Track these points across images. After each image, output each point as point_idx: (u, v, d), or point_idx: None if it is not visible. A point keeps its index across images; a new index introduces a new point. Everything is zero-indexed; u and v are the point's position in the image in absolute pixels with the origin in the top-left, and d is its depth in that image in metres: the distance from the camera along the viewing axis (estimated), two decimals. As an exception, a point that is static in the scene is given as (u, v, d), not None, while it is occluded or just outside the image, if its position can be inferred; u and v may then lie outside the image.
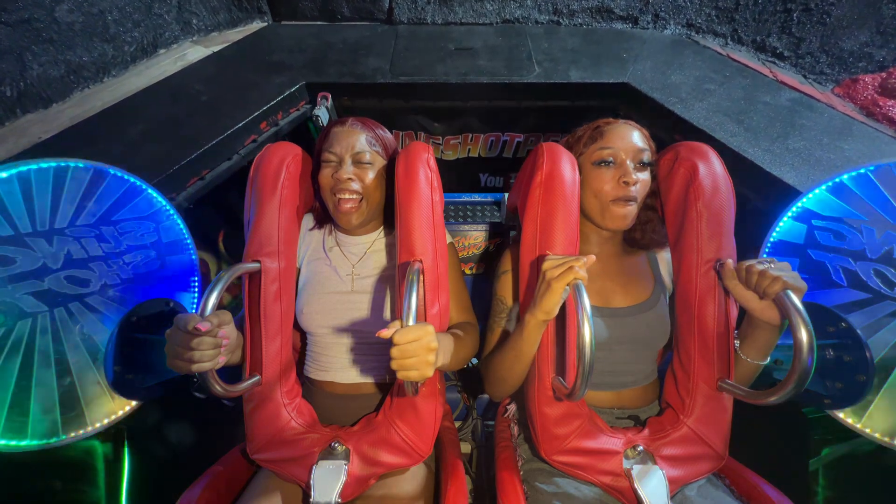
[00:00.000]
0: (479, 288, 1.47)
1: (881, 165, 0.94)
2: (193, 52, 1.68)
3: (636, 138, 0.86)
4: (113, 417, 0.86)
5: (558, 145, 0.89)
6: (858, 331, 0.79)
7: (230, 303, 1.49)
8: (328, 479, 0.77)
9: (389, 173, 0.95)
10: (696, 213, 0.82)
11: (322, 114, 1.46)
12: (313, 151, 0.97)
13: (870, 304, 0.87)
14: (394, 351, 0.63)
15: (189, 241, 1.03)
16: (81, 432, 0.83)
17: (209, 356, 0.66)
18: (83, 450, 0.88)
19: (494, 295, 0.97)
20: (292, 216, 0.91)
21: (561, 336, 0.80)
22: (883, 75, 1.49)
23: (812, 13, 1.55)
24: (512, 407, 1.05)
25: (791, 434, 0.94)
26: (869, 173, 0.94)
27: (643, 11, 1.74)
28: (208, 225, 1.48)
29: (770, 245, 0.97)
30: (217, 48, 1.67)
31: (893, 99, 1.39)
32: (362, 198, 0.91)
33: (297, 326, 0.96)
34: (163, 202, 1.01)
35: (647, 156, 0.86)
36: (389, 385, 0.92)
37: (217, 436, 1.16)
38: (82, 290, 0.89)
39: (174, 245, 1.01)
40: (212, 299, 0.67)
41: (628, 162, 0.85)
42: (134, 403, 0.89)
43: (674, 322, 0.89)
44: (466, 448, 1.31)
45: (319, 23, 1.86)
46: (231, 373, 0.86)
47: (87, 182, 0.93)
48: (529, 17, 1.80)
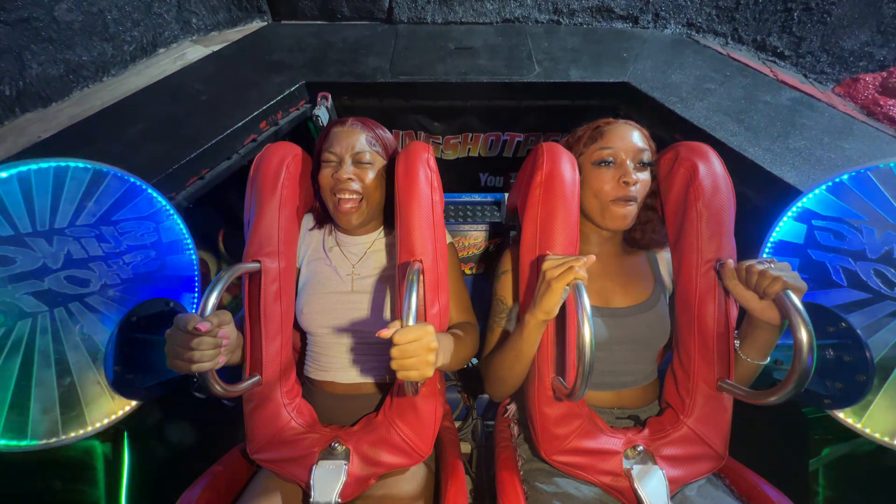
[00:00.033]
0: (479, 288, 1.47)
1: (881, 165, 0.94)
2: (193, 52, 1.68)
3: (636, 138, 0.86)
4: (113, 417, 0.86)
5: (558, 145, 0.89)
6: (858, 331, 0.79)
7: (230, 303, 1.49)
8: (328, 479, 0.77)
9: (389, 173, 0.95)
10: (696, 213, 0.82)
11: (322, 114, 1.45)
12: (313, 151, 0.97)
13: (870, 304, 0.87)
14: (394, 351, 0.63)
15: (189, 241, 1.03)
16: (81, 432, 0.83)
17: (209, 356, 0.66)
18: (83, 450, 0.87)
19: (494, 295, 0.97)
20: (292, 216, 0.91)
21: (561, 336, 0.80)
22: (883, 74, 1.48)
23: (813, 12, 1.55)
24: (512, 407, 1.05)
25: (791, 434, 0.94)
26: (869, 173, 0.94)
27: (643, 11, 1.74)
28: (208, 224, 1.48)
29: (770, 245, 0.97)
30: (217, 47, 1.67)
31: (894, 98, 1.39)
32: (362, 198, 0.91)
33: (297, 326, 0.96)
34: (163, 202, 1.01)
35: (647, 156, 0.86)
36: (389, 385, 0.92)
37: (217, 436, 1.16)
38: (82, 290, 0.89)
39: (174, 245, 1.01)
40: (212, 299, 0.67)
41: (628, 162, 0.85)
42: (134, 403, 0.89)
43: (674, 322, 0.89)
44: (466, 448, 1.31)
45: (319, 22, 1.86)
46: (231, 373, 0.86)
47: (87, 182, 0.93)
48: (529, 17, 1.80)
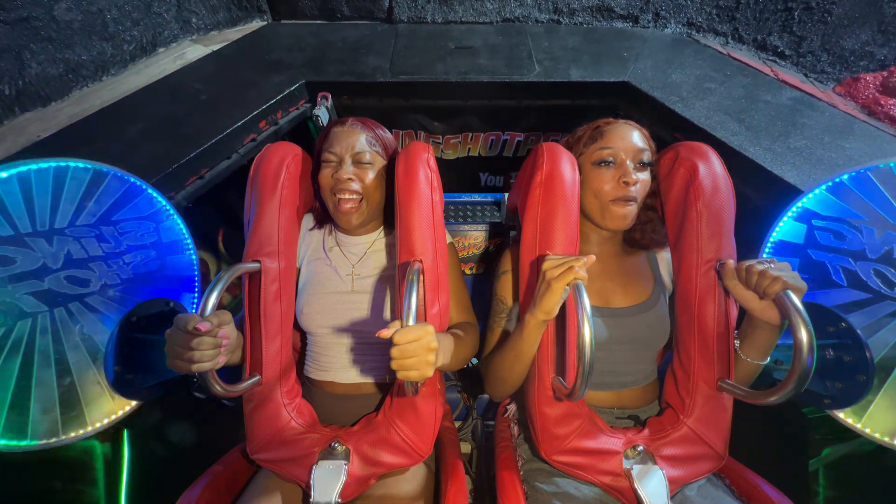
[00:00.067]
0: (479, 288, 1.47)
1: (881, 165, 0.94)
2: (193, 51, 1.68)
3: (636, 138, 0.86)
4: (113, 417, 0.86)
5: (558, 145, 0.89)
6: (858, 331, 0.79)
7: (230, 303, 1.49)
8: (328, 479, 0.77)
9: (389, 173, 0.95)
10: (696, 213, 0.82)
11: (322, 114, 1.45)
12: (313, 151, 0.97)
13: (870, 304, 0.87)
14: (394, 351, 0.63)
15: (189, 241, 1.03)
16: (81, 432, 0.83)
17: (209, 356, 0.66)
18: (82, 450, 0.87)
19: (494, 295, 0.97)
20: (292, 216, 0.91)
21: (561, 336, 0.80)
22: (884, 74, 1.48)
23: (813, 12, 1.55)
24: (512, 407, 1.05)
25: (791, 434, 0.94)
26: (869, 173, 0.94)
27: (644, 10, 1.73)
28: (208, 224, 1.48)
29: (770, 245, 0.97)
30: (216, 47, 1.67)
31: (895, 97, 1.39)
32: (362, 198, 0.91)
33: (297, 326, 0.96)
34: (163, 202, 1.01)
35: (647, 156, 0.86)
36: (389, 385, 0.92)
37: (217, 436, 1.16)
38: (82, 290, 0.89)
39: (174, 245, 1.01)
40: (212, 299, 0.67)
41: (628, 162, 0.85)
42: (134, 403, 0.89)
43: (674, 322, 0.89)
44: (466, 448, 1.31)
45: (319, 22, 1.86)
46: (231, 373, 0.86)
47: (87, 182, 0.93)
48: (530, 16, 1.80)
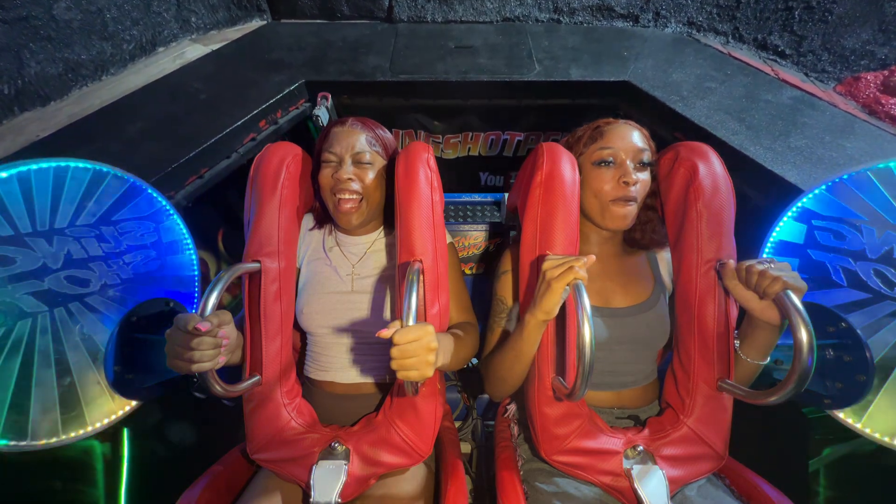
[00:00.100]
0: (479, 288, 1.47)
1: (881, 165, 0.94)
2: (192, 51, 1.67)
3: (636, 138, 0.86)
4: (113, 417, 0.86)
5: (558, 145, 0.89)
6: (858, 331, 0.79)
7: (230, 303, 1.49)
8: (328, 479, 0.77)
9: (389, 173, 0.95)
10: (696, 213, 0.82)
11: (322, 114, 1.45)
12: (313, 151, 0.97)
13: (870, 304, 0.87)
14: (394, 351, 0.63)
15: (189, 241, 1.03)
16: (81, 432, 0.83)
17: (209, 356, 0.66)
18: (82, 449, 0.87)
19: (494, 295, 0.97)
20: (292, 216, 0.91)
21: (561, 336, 0.80)
22: (885, 73, 1.48)
23: (814, 11, 1.54)
24: (512, 407, 1.05)
25: (791, 434, 0.94)
26: (869, 173, 0.94)
27: (644, 10, 1.73)
28: (207, 224, 1.48)
29: (770, 245, 0.97)
30: (216, 46, 1.67)
31: (895, 97, 1.39)
32: (362, 198, 0.91)
33: (297, 326, 0.96)
34: (163, 202, 1.01)
35: (647, 156, 0.86)
36: (389, 385, 0.92)
37: (217, 436, 1.16)
38: (82, 290, 0.89)
39: (174, 245, 1.01)
40: (212, 299, 0.67)
41: (628, 162, 0.85)
42: (134, 403, 0.89)
43: (674, 322, 0.89)
44: (466, 448, 1.31)
45: (319, 21, 1.85)
46: (231, 373, 0.86)
47: (87, 182, 0.93)
48: (530, 16, 1.79)
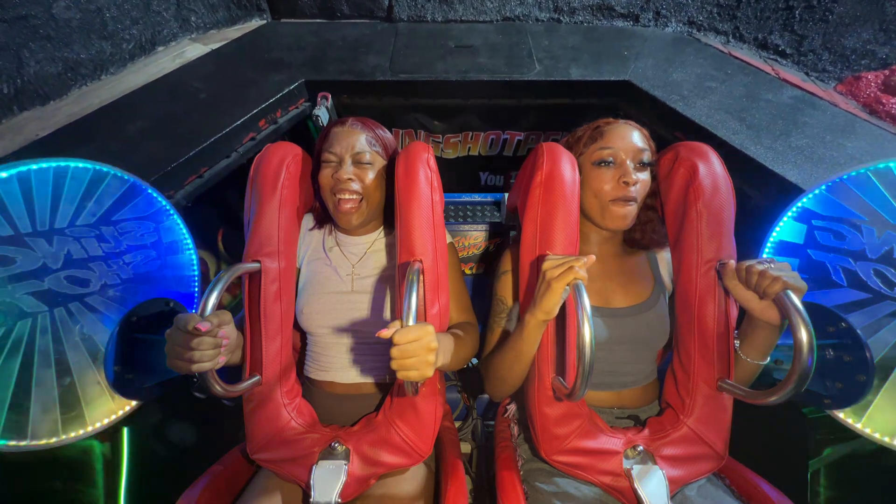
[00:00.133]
0: (479, 288, 1.47)
1: (881, 165, 0.94)
2: (192, 50, 1.67)
3: (636, 138, 0.86)
4: (113, 417, 0.86)
5: (558, 145, 0.89)
6: (858, 331, 0.79)
7: (230, 303, 1.49)
8: (328, 479, 0.77)
9: (389, 173, 0.95)
10: (696, 213, 0.82)
11: (322, 114, 1.45)
12: (313, 151, 0.97)
13: (870, 304, 0.87)
14: (394, 351, 0.63)
15: (189, 241, 1.03)
16: (81, 432, 0.83)
17: (209, 356, 0.66)
18: (81, 449, 0.87)
19: (494, 295, 0.97)
20: (292, 216, 0.91)
21: (561, 336, 0.80)
22: (886, 73, 1.48)
23: (814, 10, 1.54)
24: (512, 407, 1.05)
25: (791, 434, 0.94)
26: (869, 173, 0.94)
27: (644, 9, 1.73)
28: (207, 223, 1.48)
29: (770, 245, 0.97)
30: (216, 46, 1.66)
31: None
32: (362, 198, 0.91)
33: (297, 326, 0.96)
34: (163, 202, 1.00)
35: (647, 156, 0.86)
36: (389, 385, 0.92)
37: (217, 436, 1.16)
38: (82, 290, 0.89)
39: (174, 245, 1.01)
40: (212, 299, 0.67)
41: (628, 162, 0.85)
42: (134, 403, 0.89)
43: (674, 322, 0.89)
44: (466, 448, 1.31)
45: (319, 20, 1.85)
46: (231, 373, 0.86)
47: (87, 182, 0.93)
48: (530, 15, 1.79)
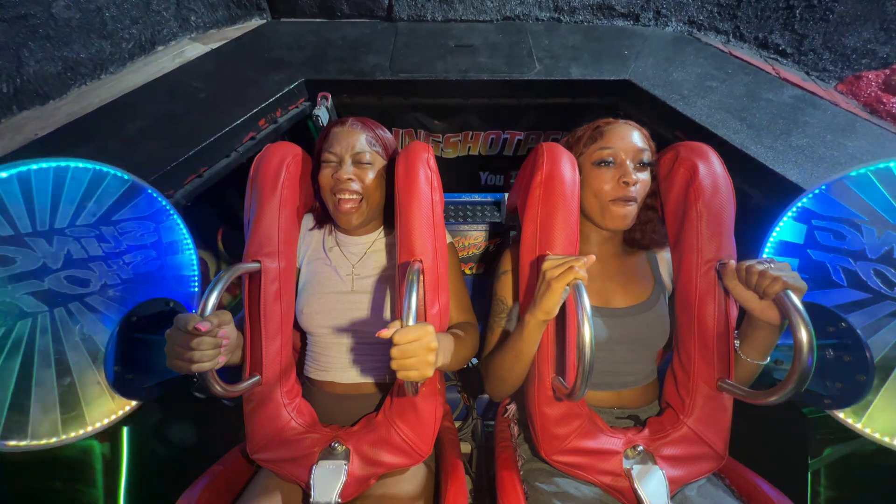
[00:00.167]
0: (479, 288, 1.47)
1: (881, 165, 0.94)
2: (192, 50, 1.67)
3: (636, 138, 0.86)
4: (113, 417, 0.86)
5: (558, 145, 0.89)
6: (858, 331, 0.79)
7: (230, 303, 1.49)
8: (328, 479, 0.77)
9: (389, 173, 0.95)
10: (696, 213, 0.82)
11: (322, 114, 1.45)
12: (313, 151, 0.97)
13: (870, 304, 0.87)
14: (394, 351, 0.63)
15: (189, 241, 1.02)
16: (81, 432, 0.83)
17: (209, 356, 0.66)
18: (81, 449, 0.87)
19: (494, 295, 0.97)
20: (292, 216, 0.91)
21: (561, 336, 0.80)
22: (887, 72, 1.48)
23: (815, 10, 1.54)
24: (512, 407, 1.05)
25: (791, 434, 0.94)
26: (869, 173, 0.93)
27: (644, 8, 1.73)
28: (207, 223, 1.48)
29: (770, 245, 0.97)
30: (215, 45, 1.66)
31: (896, 96, 1.39)
32: (362, 198, 0.91)
33: (297, 326, 0.96)
34: (163, 202, 1.00)
35: (647, 156, 0.86)
36: (389, 385, 0.92)
37: (217, 436, 1.16)
38: (82, 290, 0.89)
39: (174, 245, 1.01)
40: (212, 299, 0.67)
41: (628, 162, 0.85)
42: (134, 403, 0.89)
43: (674, 322, 0.89)
44: (466, 448, 1.31)
45: (318, 20, 1.85)
46: (231, 373, 0.86)
47: (88, 182, 0.93)
48: (530, 14, 1.79)
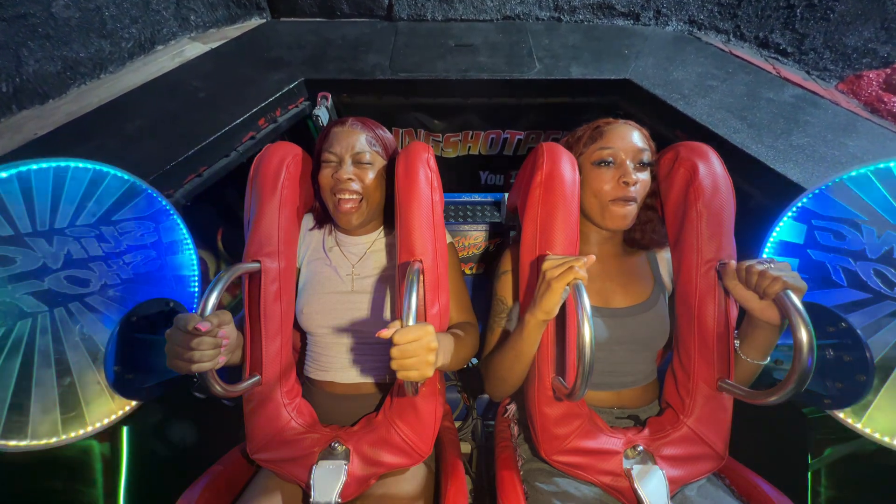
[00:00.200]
0: (479, 288, 1.47)
1: (881, 165, 0.93)
2: (191, 49, 1.67)
3: (636, 138, 0.86)
4: (113, 417, 0.86)
5: (558, 145, 0.89)
6: (858, 331, 0.79)
7: (230, 303, 1.49)
8: (328, 479, 0.77)
9: (389, 173, 0.95)
10: (696, 213, 0.82)
11: (322, 114, 1.45)
12: (313, 151, 0.97)
13: (870, 304, 0.87)
14: (394, 351, 0.63)
15: (189, 241, 1.02)
16: (81, 432, 0.83)
17: (209, 356, 0.66)
18: (81, 449, 0.87)
19: (494, 295, 0.97)
20: (292, 216, 0.91)
21: (561, 336, 0.80)
22: (887, 71, 1.47)
23: (815, 9, 1.54)
24: (512, 407, 1.05)
25: (791, 434, 0.94)
26: (869, 173, 0.93)
27: (645, 8, 1.72)
28: (206, 222, 1.48)
29: (770, 245, 0.97)
30: (215, 45, 1.66)
31: (897, 96, 1.38)
32: (362, 198, 0.91)
33: (297, 326, 0.96)
34: (163, 202, 1.00)
35: (647, 156, 0.86)
36: (389, 385, 0.92)
37: (217, 436, 1.16)
38: (82, 290, 0.89)
39: (174, 245, 1.01)
40: (212, 299, 0.67)
41: (628, 162, 0.85)
42: (134, 403, 0.89)
43: (674, 322, 0.89)
44: (466, 448, 1.31)
45: (318, 19, 1.84)
46: (231, 373, 0.86)
47: (88, 182, 0.93)
48: (530, 14, 1.79)
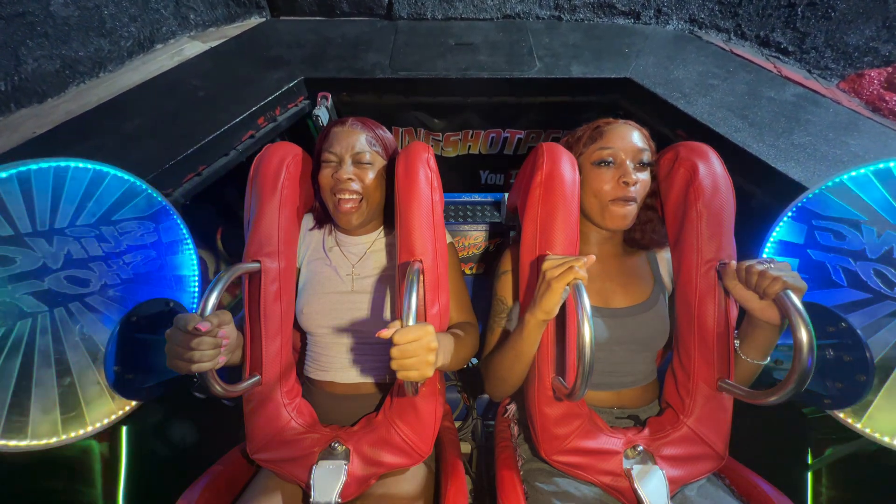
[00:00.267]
0: (479, 288, 1.47)
1: (881, 165, 0.93)
2: (190, 48, 1.66)
3: (636, 138, 0.86)
4: (113, 417, 0.86)
5: (558, 145, 0.89)
6: (858, 331, 0.79)
7: (230, 303, 1.49)
8: (328, 479, 0.78)
9: (389, 173, 0.95)
10: (696, 213, 0.82)
11: (322, 114, 1.44)
12: (313, 151, 0.97)
13: (870, 304, 0.87)
14: (394, 351, 0.63)
15: (189, 241, 1.02)
16: (81, 432, 0.83)
17: (209, 356, 0.66)
18: (80, 449, 0.87)
19: (494, 295, 0.97)
20: (292, 216, 0.91)
21: (561, 336, 0.80)
22: (889, 70, 1.47)
23: (817, 7, 1.53)
24: (512, 407, 1.05)
25: (791, 434, 0.94)
26: (869, 173, 0.93)
27: (645, 6, 1.72)
28: (206, 222, 1.48)
29: (770, 245, 0.96)
30: (214, 43, 1.65)
31: (898, 95, 1.38)
32: (362, 198, 0.91)
33: (297, 326, 0.96)
34: (163, 202, 1.00)
35: (647, 156, 0.86)
36: (389, 385, 0.92)
37: (217, 436, 1.16)
38: (82, 290, 0.89)
39: (174, 245, 1.01)
40: (212, 299, 0.67)
41: (628, 162, 0.85)
42: (134, 403, 0.89)
43: (674, 322, 0.89)
44: (466, 448, 1.32)
45: (318, 18, 1.84)
46: (231, 373, 0.86)
47: (88, 182, 0.93)
48: (530, 13, 1.78)
